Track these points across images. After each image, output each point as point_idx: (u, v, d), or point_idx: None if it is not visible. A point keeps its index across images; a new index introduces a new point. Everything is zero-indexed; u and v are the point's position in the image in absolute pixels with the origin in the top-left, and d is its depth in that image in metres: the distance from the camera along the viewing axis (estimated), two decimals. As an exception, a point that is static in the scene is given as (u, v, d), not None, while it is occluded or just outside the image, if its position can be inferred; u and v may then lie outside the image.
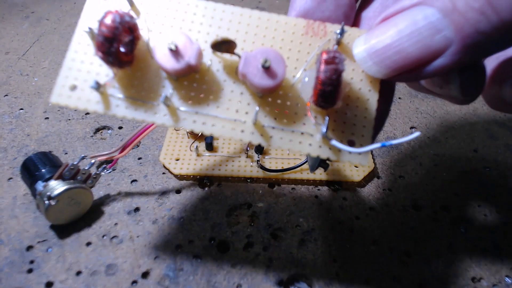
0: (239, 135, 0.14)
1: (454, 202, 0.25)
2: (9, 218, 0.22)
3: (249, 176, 0.25)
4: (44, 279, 0.20)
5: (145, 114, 0.15)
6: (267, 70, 0.14)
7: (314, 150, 0.14)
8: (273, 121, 0.15)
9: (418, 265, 0.21)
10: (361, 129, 0.14)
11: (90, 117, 0.30)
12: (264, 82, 0.14)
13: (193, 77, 0.15)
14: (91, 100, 0.15)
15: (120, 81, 0.15)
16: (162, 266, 0.20)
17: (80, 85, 0.15)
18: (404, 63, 0.13)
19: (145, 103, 0.15)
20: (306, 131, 0.14)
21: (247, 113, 0.15)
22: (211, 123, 0.15)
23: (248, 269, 0.20)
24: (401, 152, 0.28)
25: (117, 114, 0.14)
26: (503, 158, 0.28)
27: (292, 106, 0.15)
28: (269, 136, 0.14)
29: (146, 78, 0.15)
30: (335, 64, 0.13)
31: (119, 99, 0.15)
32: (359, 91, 0.15)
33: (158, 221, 0.23)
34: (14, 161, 0.26)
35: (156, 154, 0.27)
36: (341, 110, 0.15)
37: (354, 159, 0.14)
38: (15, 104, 0.31)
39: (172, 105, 0.14)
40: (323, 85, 0.13)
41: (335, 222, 0.23)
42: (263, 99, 0.15)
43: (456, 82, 0.14)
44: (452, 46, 0.12)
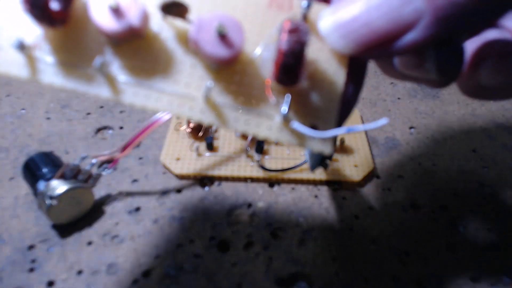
0: (187, 112, 0.13)
1: (453, 201, 0.25)
2: (11, 217, 0.23)
3: (249, 176, 0.25)
4: (45, 278, 0.20)
5: (77, 83, 0.13)
6: (223, 38, 0.12)
7: (273, 133, 0.13)
8: (227, 99, 0.13)
9: (417, 264, 0.21)
10: (325, 114, 0.13)
11: (91, 117, 0.30)
12: (219, 52, 0.12)
13: (137, 43, 0.13)
14: (14, 63, 0.13)
15: (51, 43, 0.13)
16: (163, 265, 0.21)
17: (3, 44, 0.13)
18: (372, 36, 0.12)
19: (78, 69, 0.13)
20: (265, 111, 0.13)
21: (198, 87, 0.13)
22: (155, 97, 0.13)
23: (248, 268, 0.21)
24: (400, 152, 0.28)
25: (42, 80, 0.13)
26: (501, 158, 0.28)
27: (251, 83, 0.13)
28: (223, 115, 0.13)
29: (82, 42, 0.13)
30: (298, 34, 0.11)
31: (48, 64, 0.13)
32: (324, 72, 0.13)
33: (159, 220, 0.23)
34: (16, 161, 0.26)
35: (157, 154, 0.27)
36: (304, 92, 0.13)
37: (316, 145, 0.13)
38: (17, 104, 0.31)
39: (109, 74, 0.13)
40: (285, 57, 0.12)
41: (334, 222, 0.23)
42: (218, 73, 0.13)
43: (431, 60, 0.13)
44: (424, 18, 0.11)
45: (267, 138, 0.13)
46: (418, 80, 0.15)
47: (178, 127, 0.29)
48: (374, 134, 0.30)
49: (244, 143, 0.27)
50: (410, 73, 0.14)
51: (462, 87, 0.16)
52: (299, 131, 0.12)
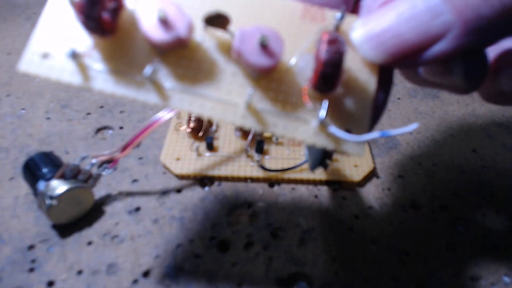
0: (230, 117, 0.13)
1: (453, 201, 0.25)
2: (11, 217, 0.23)
3: (249, 176, 0.25)
4: (45, 278, 0.20)
5: (127, 89, 0.13)
6: (265, 48, 0.13)
7: (310, 137, 0.13)
8: (267, 105, 0.14)
9: (417, 264, 0.21)
10: (358, 119, 0.14)
11: (91, 117, 0.30)
12: (261, 61, 0.13)
13: (182, 53, 0.14)
14: (65, 70, 0.13)
15: (100, 52, 0.13)
16: (163, 265, 0.21)
17: (54, 52, 0.13)
18: (402, 47, 0.12)
19: (127, 77, 0.13)
20: (302, 116, 0.13)
21: (239, 95, 0.14)
22: (200, 103, 0.13)
23: (248, 268, 0.21)
24: (400, 152, 0.28)
25: (93, 87, 0.13)
26: (501, 158, 0.28)
27: (288, 90, 0.14)
28: (263, 120, 0.13)
29: (129, 51, 0.14)
30: (337, 45, 0.12)
31: (98, 71, 0.13)
32: (356, 79, 0.14)
33: (158, 220, 0.23)
34: (16, 161, 0.26)
35: (157, 154, 0.27)
36: (338, 98, 0.14)
37: (352, 148, 0.13)
38: (17, 104, 0.31)
39: (157, 81, 0.13)
40: (325, 66, 0.12)
41: (334, 222, 0.23)
42: (257, 81, 0.14)
43: (460, 68, 0.13)
44: (453, 30, 0.12)
45: (304, 141, 0.14)
46: (442, 86, 0.15)
47: (178, 127, 0.29)
48: (374, 134, 0.30)
49: (244, 143, 0.27)
50: (436, 80, 0.15)
51: (482, 94, 0.17)
52: (336, 135, 0.13)
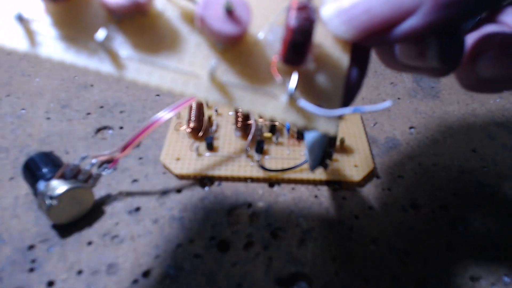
0: (191, 89, 0.12)
1: (453, 201, 0.25)
2: (11, 217, 0.23)
3: (249, 176, 0.25)
4: (45, 278, 0.20)
5: (77, 56, 0.12)
6: (231, 14, 0.12)
7: (279, 112, 0.13)
8: (233, 78, 0.13)
9: (417, 264, 0.21)
10: (329, 96, 0.13)
11: (91, 117, 0.30)
12: (227, 28, 0.12)
13: (141, 21, 0.13)
14: (10, 36, 0.12)
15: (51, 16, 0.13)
16: (163, 265, 0.21)
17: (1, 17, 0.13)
18: (372, 23, 0.12)
19: (79, 43, 0.12)
20: (271, 91, 0.13)
21: (203, 66, 0.13)
22: (159, 74, 0.12)
23: (248, 268, 0.21)
24: (400, 152, 0.28)
25: (40, 53, 0.12)
26: (501, 158, 0.28)
27: (256, 64, 0.13)
28: (229, 94, 0.13)
29: (83, 17, 0.13)
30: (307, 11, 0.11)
31: (48, 37, 0.12)
32: (328, 56, 0.13)
33: (158, 220, 0.23)
34: (16, 161, 0.26)
35: (157, 154, 0.27)
36: (309, 74, 0.13)
37: (323, 125, 0.13)
38: (17, 104, 0.31)
39: (111, 48, 0.12)
40: (294, 33, 0.12)
41: (334, 222, 0.23)
42: (223, 53, 0.13)
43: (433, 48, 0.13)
44: (424, 5, 0.11)
45: (273, 117, 0.13)
46: (418, 70, 0.15)
47: (178, 127, 0.29)
48: (374, 134, 0.30)
49: (244, 143, 0.27)
50: (411, 62, 0.14)
51: (461, 81, 0.16)
52: (306, 109, 0.12)
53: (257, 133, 0.28)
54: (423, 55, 0.13)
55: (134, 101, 0.32)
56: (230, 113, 0.30)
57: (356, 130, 0.29)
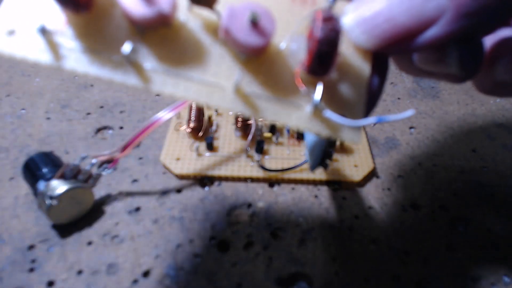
0: (216, 101, 0.12)
1: (453, 201, 0.25)
2: (11, 217, 0.23)
3: (249, 176, 0.25)
4: (45, 278, 0.20)
5: (102, 69, 0.12)
6: (255, 26, 0.12)
7: (303, 123, 0.13)
8: (257, 89, 0.13)
9: (417, 264, 0.21)
10: (352, 105, 0.13)
11: (91, 117, 0.30)
12: (252, 40, 0.12)
13: (164, 32, 0.13)
14: (33, 48, 0.12)
15: (74, 29, 0.12)
16: (163, 265, 0.21)
17: (21, 29, 0.12)
18: (393, 32, 0.12)
19: (103, 55, 0.12)
20: (294, 101, 0.13)
21: (227, 77, 0.13)
22: (184, 85, 0.12)
23: (248, 268, 0.21)
24: (400, 152, 0.28)
25: (64, 66, 0.12)
26: (501, 158, 0.28)
27: (280, 74, 0.13)
28: (253, 105, 0.13)
29: (106, 29, 0.13)
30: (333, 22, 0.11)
31: (70, 50, 0.12)
32: (350, 65, 0.13)
33: (158, 220, 0.23)
34: (16, 161, 0.26)
35: (157, 154, 0.27)
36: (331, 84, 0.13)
37: (348, 135, 0.13)
38: (17, 104, 0.31)
39: (136, 61, 0.12)
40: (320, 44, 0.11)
41: (334, 222, 0.23)
42: (246, 64, 0.13)
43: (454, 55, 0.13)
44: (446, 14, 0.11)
45: (298, 127, 0.13)
46: (436, 75, 0.15)
47: (178, 127, 0.29)
48: (374, 134, 0.30)
49: (244, 143, 0.27)
50: (430, 68, 0.14)
51: (477, 85, 0.16)
52: (331, 120, 0.12)
53: (257, 133, 0.28)
54: (443, 62, 0.13)
55: (134, 101, 0.32)
56: (230, 113, 0.30)
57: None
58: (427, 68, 0.14)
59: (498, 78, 0.15)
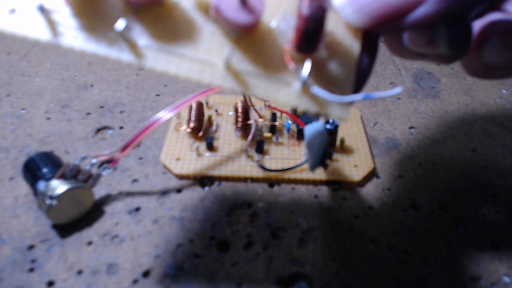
0: (207, 77, 0.13)
1: (453, 201, 0.25)
2: (11, 217, 0.23)
3: (249, 176, 0.25)
4: (45, 278, 0.20)
5: (97, 46, 0.13)
6: (244, 4, 0.12)
7: (292, 99, 0.13)
8: (247, 66, 0.13)
9: (417, 264, 0.21)
10: (341, 83, 0.13)
11: (91, 117, 0.30)
12: (241, 17, 0.12)
13: (157, 11, 0.13)
14: (34, 26, 0.13)
15: (71, 7, 0.13)
16: (163, 265, 0.21)
17: (21, 8, 0.13)
18: (383, 10, 0.12)
19: (99, 33, 0.13)
20: (284, 78, 0.13)
21: (218, 54, 0.13)
22: (176, 62, 0.13)
23: (248, 268, 0.21)
24: (400, 152, 0.28)
25: (62, 43, 0.13)
26: (501, 158, 0.28)
27: (270, 52, 0.13)
28: (243, 81, 0.13)
29: (102, 7, 0.13)
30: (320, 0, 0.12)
31: (68, 27, 0.13)
32: (340, 43, 0.14)
33: (158, 220, 0.23)
34: (16, 161, 0.26)
35: (157, 154, 0.27)
36: (321, 61, 0.13)
37: (335, 111, 0.13)
38: (17, 104, 0.31)
39: (130, 38, 0.13)
40: (307, 22, 0.12)
41: (334, 222, 0.23)
42: (237, 41, 0.13)
43: (443, 35, 0.13)
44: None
45: (287, 103, 0.13)
46: (426, 57, 0.15)
47: (178, 127, 0.29)
48: (374, 134, 0.30)
49: (244, 143, 0.27)
50: (420, 50, 0.14)
51: (467, 67, 0.16)
52: (319, 95, 0.13)
53: (257, 133, 0.28)
54: (432, 42, 0.14)
55: (134, 101, 0.32)
56: (230, 113, 0.30)
57: (356, 130, 0.29)
58: (418, 49, 0.15)
59: (486, 60, 0.15)
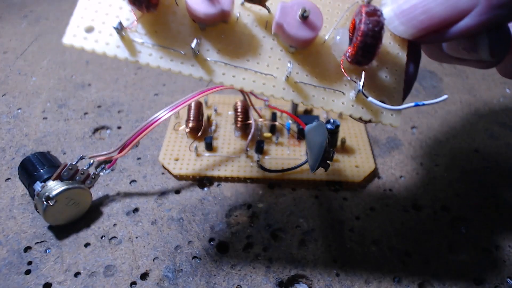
0: (270, 90, 0.14)
1: (455, 202, 0.24)
2: (7, 218, 0.22)
3: (249, 176, 0.25)
4: (42, 280, 0.19)
5: (171, 63, 0.14)
6: (305, 20, 0.13)
7: (347, 108, 0.14)
8: (305, 78, 0.14)
9: (418, 265, 0.21)
10: (391, 91, 0.14)
11: (88, 117, 0.30)
12: (303, 34, 0.13)
13: (222, 27, 0.14)
14: (110, 44, 0.13)
15: (143, 26, 0.14)
16: (161, 267, 0.20)
17: (98, 27, 0.14)
18: (430, 23, 0.13)
19: (171, 51, 0.14)
20: (339, 89, 0.14)
21: (278, 68, 0.14)
22: (242, 76, 0.14)
23: (248, 269, 0.20)
24: (402, 152, 0.28)
25: (140, 61, 0.13)
26: (504, 158, 0.28)
27: (324, 64, 0.14)
28: (303, 93, 0.14)
29: (171, 25, 0.14)
30: (377, 16, 0.13)
31: (142, 45, 0.14)
32: (388, 53, 0.15)
33: (157, 221, 0.23)
34: (12, 161, 0.26)
35: (155, 154, 0.27)
36: (372, 72, 0.14)
37: (388, 119, 0.14)
38: (13, 103, 0.31)
39: (200, 54, 0.14)
40: (365, 37, 0.13)
41: (335, 222, 0.23)
42: (294, 54, 0.14)
43: (485, 43, 0.14)
44: (478, 6, 0.12)
45: (342, 112, 0.14)
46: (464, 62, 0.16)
47: (177, 127, 0.28)
48: (376, 134, 0.29)
49: (243, 143, 0.27)
50: (461, 55, 0.15)
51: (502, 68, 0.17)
52: (374, 105, 0.14)
53: (257, 133, 0.28)
54: (474, 49, 0.14)
55: (132, 100, 0.32)
56: (229, 113, 0.30)
57: (357, 130, 0.29)
58: (458, 55, 0.15)
59: None
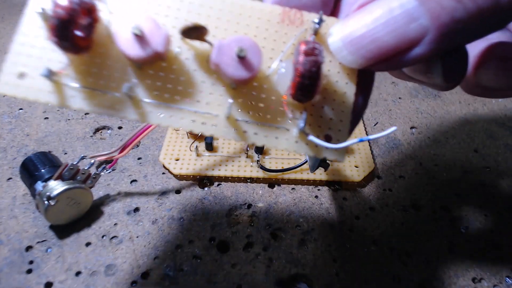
0: (210, 130, 0.13)
1: (454, 202, 0.24)
2: (9, 218, 0.22)
3: (249, 176, 0.25)
4: (43, 279, 0.20)
5: (105, 108, 0.13)
6: (243, 60, 0.13)
7: (290, 145, 0.14)
8: (247, 115, 0.14)
9: (418, 265, 0.21)
10: (338, 124, 0.14)
11: (89, 117, 0.30)
12: (239, 73, 0.13)
13: (159, 65, 0.14)
14: (43, 90, 0.13)
15: (76, 69, 0.13)
16: (162, 266, 0.20)
17: (30, 72, 0.13)
18: (379, 52, 0.12)
19: (105, 93, 0.13)
20: (281, 126, 0.14)
21: (219, 105, 0.14)
22: (180, 116, 0.13)
23: (248, 269, 0.20)
24: (401, 152, 0.28)
25: (71, 106, 0.13)
26: (503, 158, 0.28)
27: (267, 99, 0.14)
28: (243, 131, 0.14)
29: (106, 66, 0.13)
30: (315, 56, 0.12)
31: (75, 89, 0.13)
32: (336, 84, 0.14)
33: (158, 221, 0.23)
34: (14, 161, 0.26)
35: (156, 154, 0.27)
36: (318, 104, 0.14)
37: (331, 155, 0.14)
38: (15, 104, 0.31)
39: (136, 96, 0.13)
40: (302, 78, 0.12)
41: (335, 222, 0.23)
42: (236, 90, 0.14)
43: (438, 69, 0.13)
44: (428, 34, 0.12)
45: (286, 150, 0.14)
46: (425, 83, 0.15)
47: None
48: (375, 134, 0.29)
49: (243, 143, 0.27)
50: (418, 78, 0.15)
51: (464, 86, 0.17)
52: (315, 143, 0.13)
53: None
54: (428, 73, 0.14)
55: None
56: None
57: (357, 130, 0.29)
58: (415, 77, 0.15)
59: (483, 83, 0.15)
